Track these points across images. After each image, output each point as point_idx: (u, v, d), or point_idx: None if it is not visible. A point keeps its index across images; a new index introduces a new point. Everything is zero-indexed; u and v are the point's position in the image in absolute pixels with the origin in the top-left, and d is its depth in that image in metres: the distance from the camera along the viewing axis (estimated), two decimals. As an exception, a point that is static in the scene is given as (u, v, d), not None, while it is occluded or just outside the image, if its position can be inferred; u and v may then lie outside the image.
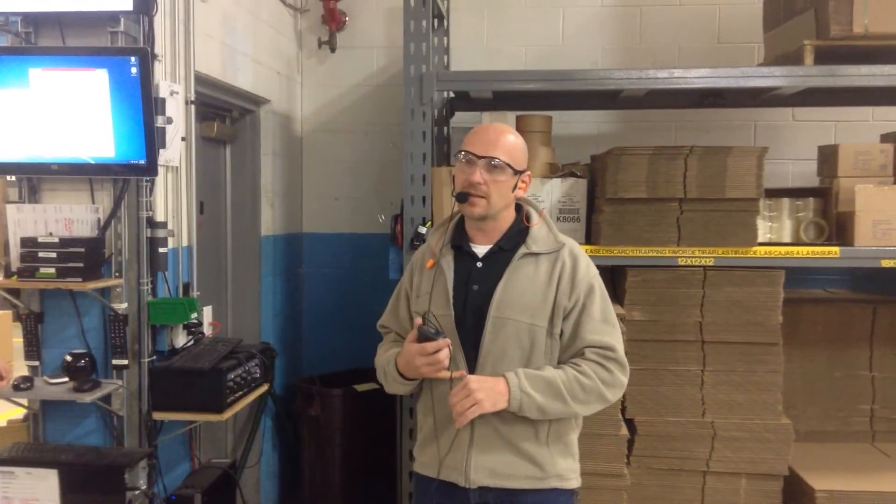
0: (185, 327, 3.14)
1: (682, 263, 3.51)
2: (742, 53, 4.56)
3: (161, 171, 3.04)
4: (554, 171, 3.75)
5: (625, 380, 2.22)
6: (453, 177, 2.27)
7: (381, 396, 4.27)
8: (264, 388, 3.45)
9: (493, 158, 2.19)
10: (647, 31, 4.72)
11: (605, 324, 2.22)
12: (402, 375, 2.26)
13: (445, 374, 2.16)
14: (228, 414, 3.04)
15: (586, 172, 3.77)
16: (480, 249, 2.28)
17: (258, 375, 3.32)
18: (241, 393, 3.14)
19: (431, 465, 2.30)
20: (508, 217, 2.29)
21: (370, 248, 4.71)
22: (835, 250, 3.52)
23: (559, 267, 2.22)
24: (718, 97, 4.17)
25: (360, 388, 4.37)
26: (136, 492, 2.90)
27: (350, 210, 4.93)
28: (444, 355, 2.12)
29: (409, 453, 3.74)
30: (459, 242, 2.30)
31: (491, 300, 2.20)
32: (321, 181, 4.94)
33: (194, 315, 3.10)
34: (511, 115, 3.82)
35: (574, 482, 2.29)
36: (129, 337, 2.96)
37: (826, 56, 3.60)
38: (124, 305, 2.96)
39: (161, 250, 3.02)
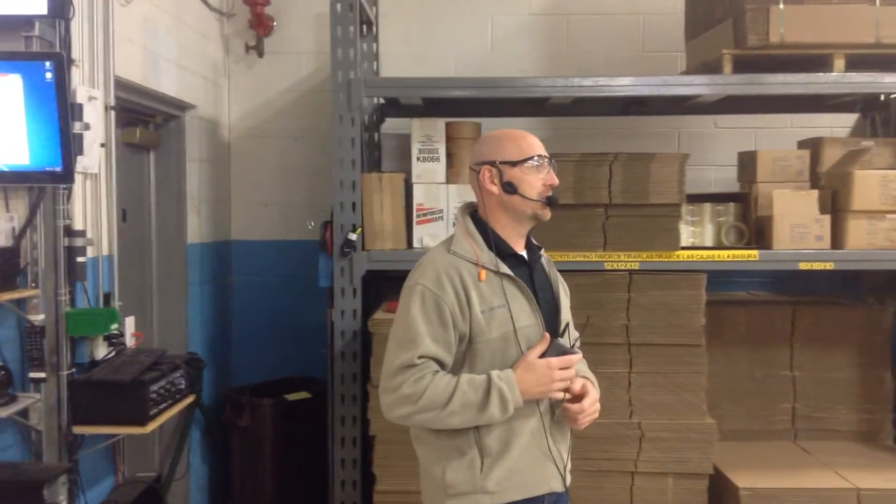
0: (106, 339, 3.05)
1: (609, 268, 3.58)
2: (666, 62, 4.66)
3: (79, 178, 2.96)
4: (483, 177, 3.77)
5: None
6: (506, 182, 2.17)
7: (313, 406, 4.29)
8: (191, 399, 3.38)
9: (549, 158, 2.24)
10: (574, 39, 4.78)
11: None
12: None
13: (559, 394, 2.13)
14: (152, 426, 2.97)
15: (514, 178, 3.79)
16: (524, 254, 2.28)
17: (184, 386, 3.25)
18: (165, 405, 3.07)
19: (516, 489, 2.15)
20: None
21: (300, 256, 4.65)
22: (754, 254, 3.62)
23: (550, 263, 2.39)
24: (642, 105, 4.26)
25: (291, 397, 4.32)
26: (56, 508, 2.81)
27: (280, 217, 4.87)
28: (571, 373, 2.13)
29: (340, 462, 3.72)
30: (507, 250, 2.21)
31: (560, 304, 2.30)
32: (250, 188, 4.88)
33: (115, 326, 3.02)
34: (441, 122, 3.83)
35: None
36: (47, 349, 2.87)
37: (745, 65, 3.70)
38: (41, 317, 2.86)
39: (79, 259, 2.93)
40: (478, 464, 2.12)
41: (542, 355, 2.09)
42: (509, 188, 2.17)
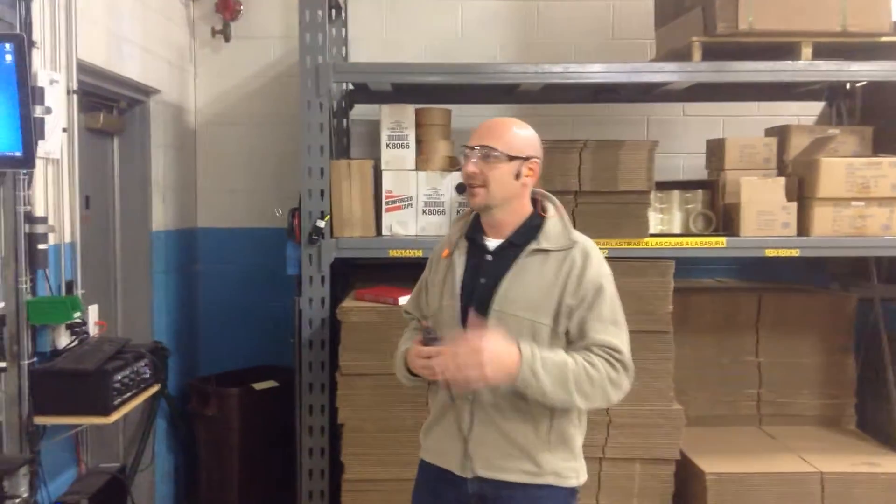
0: (69, 327, 2.99)
1: (578, 255, 3.57)
2: (635, 49, 4.66)
3: (40, 163, 2.88)
4: (454, 164, 3.76)
5: (629, 384, 2.20)
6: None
7: (280, 394, 4.26)
8: (156, 388, 3.33)
9: (483, 147, 2.21)
10: (544, 26, 4.77)
11: (613, 325, 2.21)
12: (409, 371, 2.29)
13: (438, 376, 2.15)
14: (115, 416, 2.92)
15: (484, 165, 3.78)
16: (492, 243, 2.28)
17: (148, 376, 3.20)
18: (129, 394, 3.03)
19: (431, 452, 2.35)
20: (520, 210, 2.28)
21: (268, 243, 4.60)
22: (722, 241, 3.65)
23: (568, 265, 2.20)
24: (612, 92, 4.27)
25: (258, 386, 4.29)
26: (17, 500, 2.75)
27: (247, 204, 4.81)
28: (438, 363, 2.10)
29: (308, 451, 3.70)
30: (474, 235, 2.31)
31: (495, 294, 2.20)
32: (216, 174, 4.81)
33: (77, 314, 2.96)
34: (410, 108, 3.81)
35: (573, 481, 2.28)
36: (8, 338, 2.80)
37: (714, 52, 3.72)
38: (1, 305, 2.80)
39: (41, 246, 2.86)
40: (427, 420, 2.40)
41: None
42: None
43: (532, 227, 2.27)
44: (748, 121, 4.66)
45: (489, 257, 2.27)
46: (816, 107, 4.65)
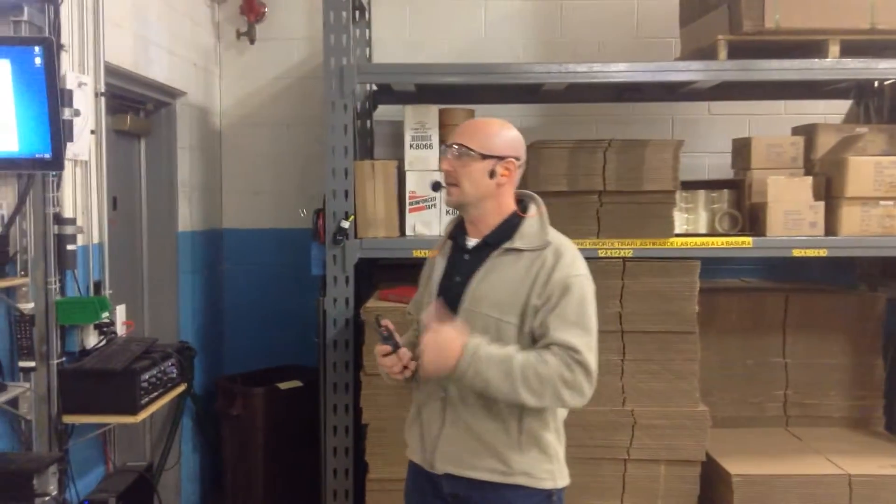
0: (97, 327, 3.03)
1: (602, 255, 3.56)
2: (660, 48, 4.64)
3: (69, 165, 2.93)
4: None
5: (587, 388, 2.13)
6: None
7: (305, 394, 4.27)
8: (182, 388, 3.36)
9: (459, 146, 2.23)
10: (567, 25, 4.76)
11: (576, 326, 2.15)
12: None
13: (399, 376, 2.24)
14: (143, 416, 2.95)
15: (508, 166, 3.78)
16: (471, 242, 2.30)
17: (175, 375, 3.23)
18: (156, 394, 3.06)
19: (410, 450, 2.40)
20: (498, 209, 2.27)
21: (292, 244, 4.64)
22: (748, 241, 3.61)
23: (538, 265, 2.19)
24: (636, 91, 4.24)
25: (283, 386, 4.31)
26: (47, 498, 2.78)
27: (272, 205, 4.84)
28: (389, 362, 2.21)
29: (333, 450, 3.71)
30: (456, 234, 2.35)
31: (465, 292, 2.22)
32: (241, 175, 4.85)
33: (105, 314, 3.00)
34: (434, 109, 3.80)
35: (548, 483, 2.25)
36: (37, 338, 2.84)
37: (740, 51, 3.69)
38: (31, 305, 2.83)
39: (69, 247, 2.90)
40: (407, 418, 2.45)
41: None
42: None
43: (510, 226, 2.26)
44: (775, 119, 4.62)
45: (466, 256, 2.30)
46: (843, 105, 4.60)
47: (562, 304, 2.15)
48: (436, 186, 2.33)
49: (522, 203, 2.32)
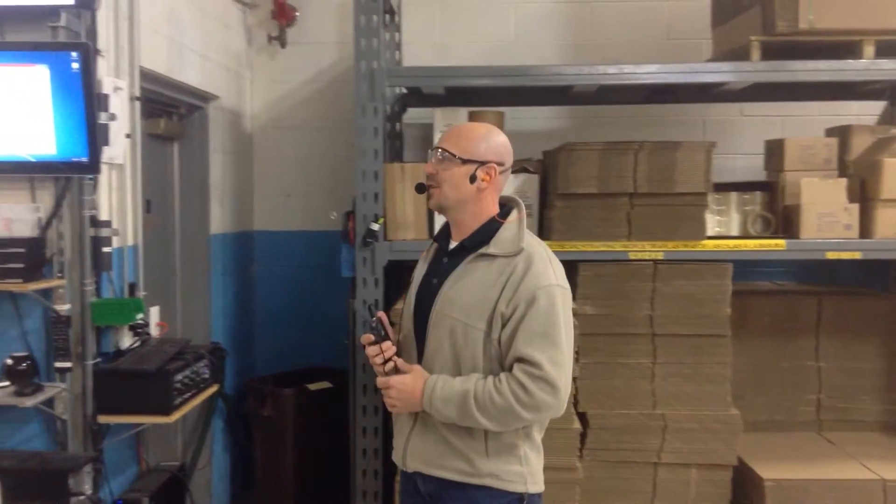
0: (131, 328, 3.07)
1: (633, 258, 3.55)
2: (691, 49, 4.60)
3: (105, 168, 2.97)
4: (505, 167, 3.75)
5: (550, 399, 2.10)
6: None
7: (334, 395, 4.29)
8: (214, 388, 3.40)
9: (439, 149, 2.26)
10: (597, 27, 4.74)
11: (541, 337, 2.12)
12: None
13: (380, 368, 2.27)
14: (176, 416, 2.99)
15: (538, 168, 3.78)
16: (452, 246, 2.32)
17: (207, 376, 3.27)
18: (189, 394, 3.09)
19: (394, 449, 2.42)
20: (478, 213, 2.27)
21: (323, 246, 4.67)
22: (781, 243, 3.58)
23: (508, 271, 2.17)
24: (668, 93, 4.21)
25: (313, 387, 4.34)
26: (81, 497, 2.83)
27: (302, 207, 4.88)
28: (372, 352, 2.25)
29: (362, 452, 3.73)
30: (440, 238, 2.37)
31: (438, 295, 2.25)
32: (272, 178, 4.89)
33: (140, 316, 3.04)
34: (463, 111, 3.81)
35: (518, 486, 2.23)
36: (73, 339, 2.89)
37: (772, 52, 3.65)
38: (67, 307, 2.88)
39: (105, 250, 2.95)
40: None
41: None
42: None
43: (488, 231, 2.25)
44: (808, 121, 4.56)
45: (445, 259, 2.32)
46: (877, 106, 4.54)
47: (528, 316, 2.13)
48: (420, 188, 2.33)
49: (507, 208, 2.32)
